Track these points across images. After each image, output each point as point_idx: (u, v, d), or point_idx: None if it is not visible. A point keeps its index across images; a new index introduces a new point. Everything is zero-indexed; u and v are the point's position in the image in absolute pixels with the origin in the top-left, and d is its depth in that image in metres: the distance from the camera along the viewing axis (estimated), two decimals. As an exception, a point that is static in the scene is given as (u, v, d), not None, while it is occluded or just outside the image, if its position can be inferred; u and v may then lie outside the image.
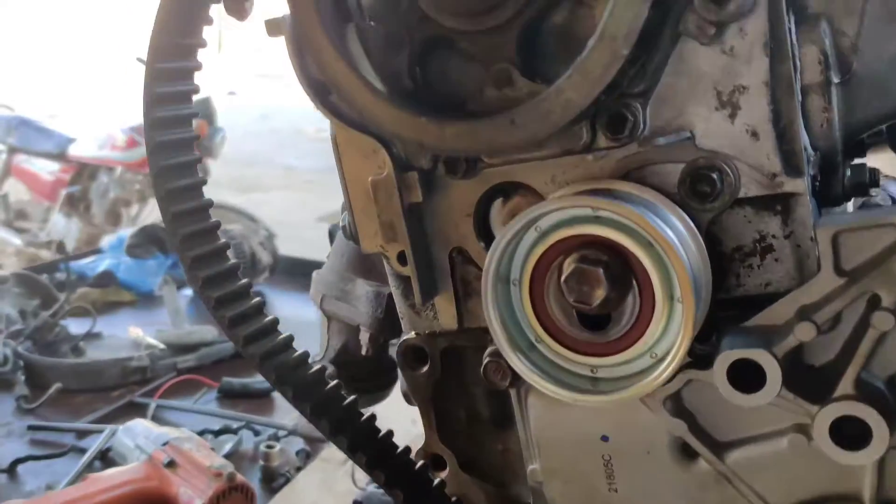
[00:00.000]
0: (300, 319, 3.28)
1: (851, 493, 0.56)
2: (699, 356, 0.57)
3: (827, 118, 0.56)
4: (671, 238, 0.52)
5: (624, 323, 0.55)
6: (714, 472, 0.59)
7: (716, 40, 0.53)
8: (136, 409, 2.28)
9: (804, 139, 0.55)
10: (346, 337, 1.16)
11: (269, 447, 2.01)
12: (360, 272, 1.12)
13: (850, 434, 0.53)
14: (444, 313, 0.68)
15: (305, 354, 0.82)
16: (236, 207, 5.51)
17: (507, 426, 0.71)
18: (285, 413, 2.32)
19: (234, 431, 2.13)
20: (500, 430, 0.72)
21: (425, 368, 0.71)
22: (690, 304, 0.52)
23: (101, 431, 2.05)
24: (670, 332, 0.54)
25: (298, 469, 2.05)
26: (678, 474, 0.61)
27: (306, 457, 2.09)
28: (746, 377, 0.54)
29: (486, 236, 0.65)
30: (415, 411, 0.79)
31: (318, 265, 3.60)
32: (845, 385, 0.52)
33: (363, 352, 1.13)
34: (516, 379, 0.63)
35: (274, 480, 1.98)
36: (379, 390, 1.22)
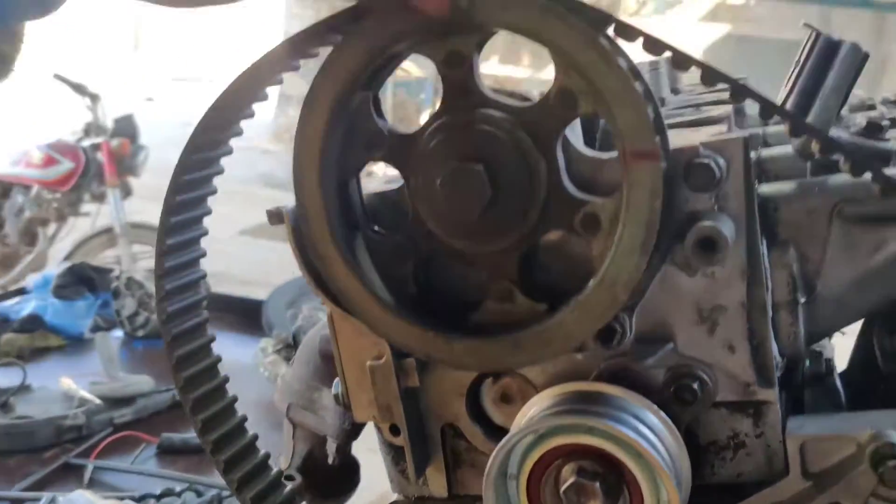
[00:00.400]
0: (234, 363, 3.23)
1: None
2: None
3: (794, 332, 0.62)
4: (659, 453, 0.57)
5: (612, 522, 0.60)
6: None
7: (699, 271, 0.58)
8: (73, 472, 2.23)
9: (775, 351, 0.61)
10: (311, 445, 1.18)
11: (214, 512, 2.00)
12: (327, 381, 1.15)
13: None
14: (434, 482, 0.72)
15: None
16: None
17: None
18: (228, 469, 2.30)
19: (178, 494, 2.11)
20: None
21: (413, 528, 0.75)
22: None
23: (37, 500, 2.01)
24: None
25: (245, 533, 2.04)
26: None
27: (252, 518, 2.08)
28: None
29: (478, 413, 0.69)
30: None
31: (249, 302, 3.61)
32: (813, 583, 0.59)
33: (329, 461, 1.15)
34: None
35: (219, 548, 1.97)
36: (343, 494, 1.24)
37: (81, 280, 3.36)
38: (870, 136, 0.63)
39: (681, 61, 0.54)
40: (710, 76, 0.53)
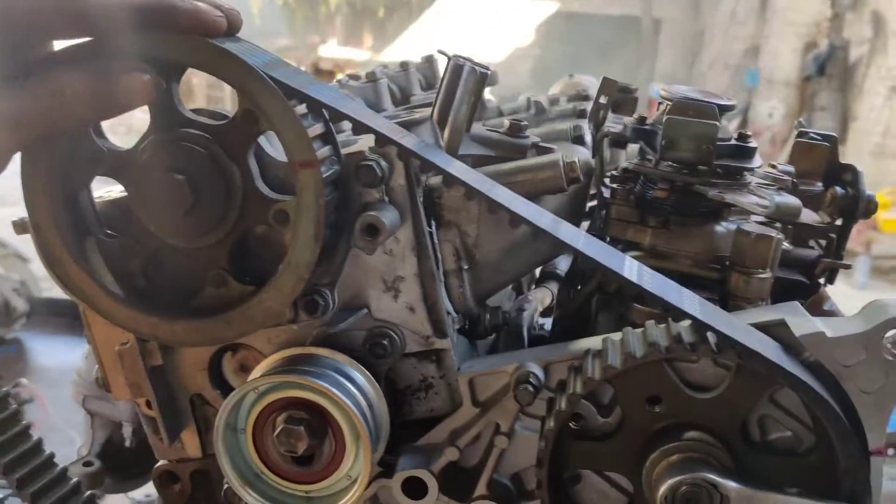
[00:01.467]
0: (62, 366, 3.19)
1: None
2: (389, 465, 0.77)
3: (462, 293, 0.78)
4: (350, 397, 0.71)
5: (324, 458, 0.73)
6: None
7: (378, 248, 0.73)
8: None
9: (448, 308, 0.76)
10: (109, 431, 1.27)
11: (40, 514, 2.01)
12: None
13: (489, 518, 0.76)
14: (189, 444, 0.83)
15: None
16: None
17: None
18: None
19: (1, 501, 2.10)
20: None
21: (178, 487, 0.86)
22: (366, 442, 0.71)
23: None
24: (359, 459, 0.73)
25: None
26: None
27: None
28: (416, 484, 0.75)
29: (220, 383, 0.81)
30: None
31: (75, 306, 3.50)
32: (481, 487, 0.75)
33: (127, 444, 1.25)
34: (248, 499, 0.80)
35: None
36: (143, 475, 1.33)
37: None
38: (513, 135, 0.79)
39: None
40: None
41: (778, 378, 0.64)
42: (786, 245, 0.86)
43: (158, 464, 0.86)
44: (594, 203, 0.96)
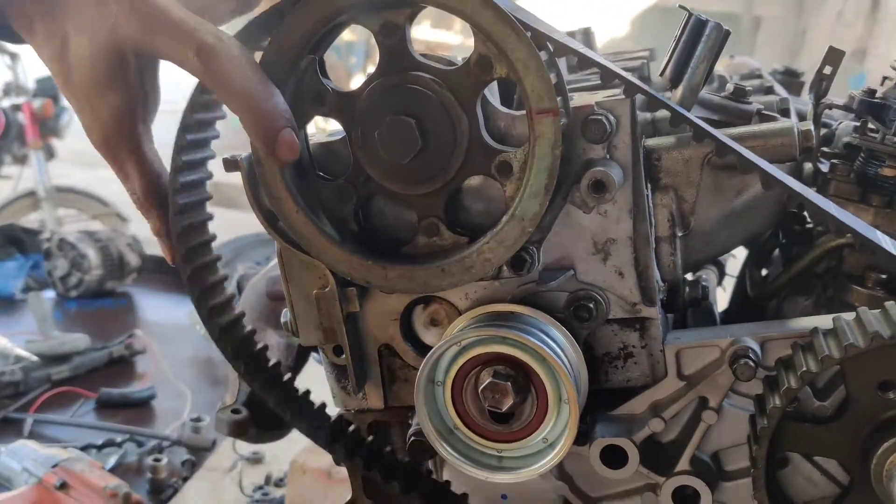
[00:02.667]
0: (170, 322, 3.30)
1: (686, 534, 0.76)
2: (582, 433, 0.75)
3: (673, 261, 0.75)
4: (560, 358, 0.69)
5: (524, 418, 0.72)
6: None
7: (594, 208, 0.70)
8: (12, 426, 2.27)
9: (657, 276, 0.74)
10: (256, 382, 1.28)
11: (157, 460, 2.08)
12: (271, 323, 1.25)
13: (686, 494, 0.73)
14: (372, 395, 0.83)
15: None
16: (85, 191, 5.31)
17: (423, 486, 0.87)
18: (166, 423, 2.38)
19: (119, 444, 2.17)
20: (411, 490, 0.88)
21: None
22: (574, 405, 0.69)
23: (-22, 452, 2.05)
24: (559, 423, 0.72)
25: (185, 479, 2.12)
26: (559, 524, 0.79)
27: (192, 466, 2.17)
28: (613, 455, 0.73)
29: (410, 335, 0.80)
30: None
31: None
32: (683, 462, 0.72)
33: (274, 395, 1.26)
34: (436, 454, 0.79)
35: (162, 492, 2.05)
36: (286, 426, 1.35)
37: (11, 241, 3.34)
38: (736, 100, 0.76)
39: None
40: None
41: None
42: None
43: (337, 413, 0.86)
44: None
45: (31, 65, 5.80)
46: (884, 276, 0.76)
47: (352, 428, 0.84)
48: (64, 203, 5.54)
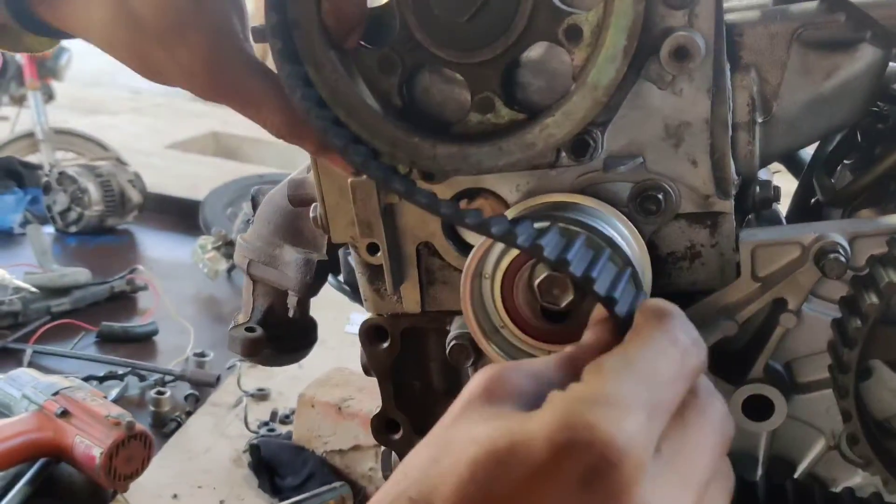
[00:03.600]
0: (172, 260, 3.23)
1: (749, 450, 0.70)
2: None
3: (750, 150, 0.67)
4: (626, 252, 0.62)
5: (581, 318, 0.65)
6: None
7: (670, 85, 0.63)
8: (11, 356, 2.22)
9: (732, 168, 0.66)
10: (271, 300, 1.22)
11: (160, 393, 2.03)
12: (288, 239, 1.17)
13: (755, 406, 0.67)
14: (408, 298, 0.76)
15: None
16: (85, 134, 5.20)
17: (458, 394, 0.80)
18: (169, 358, 2.32)
19: (120, 377, 2.12)
20: (451, 398, 0.81)
21: (385, 345, 0.79)
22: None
23: (-23, 380, 2.00)
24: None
25: (188, 414, 2.08)
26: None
27: (195, 401, 2.12)
28: (677, 362, 0.66)
29: (452, 233, 0.73)
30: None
31: (185, 202, 3.58)
32: (756, 370, 0.66)
33: (290, 314, 1.19)
34: (478, 359, 0.72)
35: (165, 426, 2.01)
36: (302, 349, 1.28)
37: (9, 174, 3.26)
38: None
39: None
40: None
41: None
42: None
43: (368, 317, 0.80)
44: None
45: (29, 2, 5.63)
46: None
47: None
48: (63, 145, 5.43)
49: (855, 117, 0.70)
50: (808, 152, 0.88)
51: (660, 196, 0.65)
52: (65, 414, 1.70)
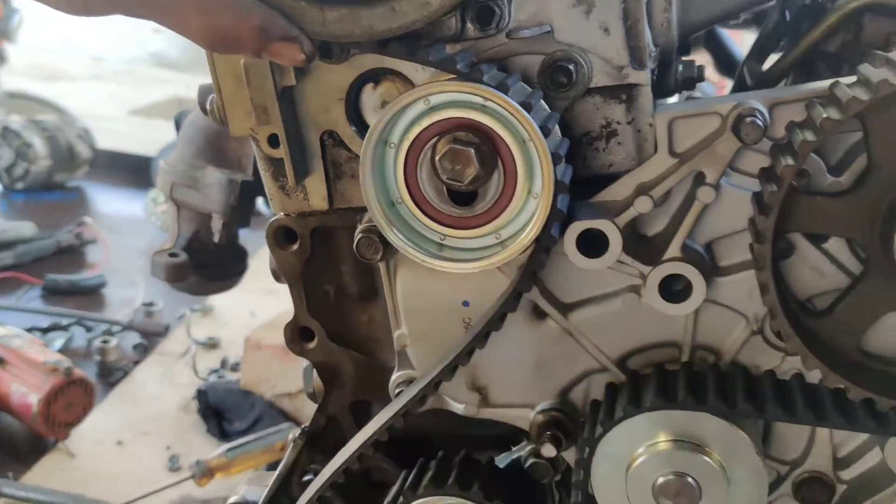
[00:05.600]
0: (124, 215, 3.15)
1: (672, 340, 0.67)
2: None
3: (667, 18, 0.64)
4: (547, 143, 0.58)
5: (482, 205, 0.61)
6: (560, 329, 0.68)
7: (577, -58, 0.58)
8: (-50, 309, 2.15)
9: (647, 36, 0.62)
10: (196, 225, 1.17)
11: (105, 342, 1.97)
12: (211, 159, 1.12)
13: (673, 291, 0.63)
14: (315, 194, 0.72)
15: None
16: (41, 98, 5.07)
17: (373, 299, 0.76)
18: (117, 309, 2.27)
19: (65, 328, 2.07)
20: (366, 303, 0.77)
21: (295, 247, 0.75)
22: (547, 203, 0.59)
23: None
24: (519, 220, 0.61)
25: (136, 363, 2.03)
26: (530, 332, 0.69)
27: (143, 351, 2.07)
28: (591, 246, 0.63)
29: (358, 120, 0.68)
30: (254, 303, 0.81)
31: (137, 158, 3.51)
32: (673, 249, 0.62)
33: (216, 239, 1.14)
34: (387, 253, 0.68)
35: (111, 375, 1.96)
36: (230, 278, 1.24)
37: (-47, 130, 3.15)
38: None
39: None
40: None
41: None
42: None
43: (274, 218, 0.75)
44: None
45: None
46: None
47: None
48: (16, 109, 5.29)
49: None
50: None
51: (570, 67, 0.61)
52: (1, 363, 1.65)
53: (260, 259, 2.58)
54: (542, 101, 0.61)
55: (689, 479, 0.62)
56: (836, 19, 0.67)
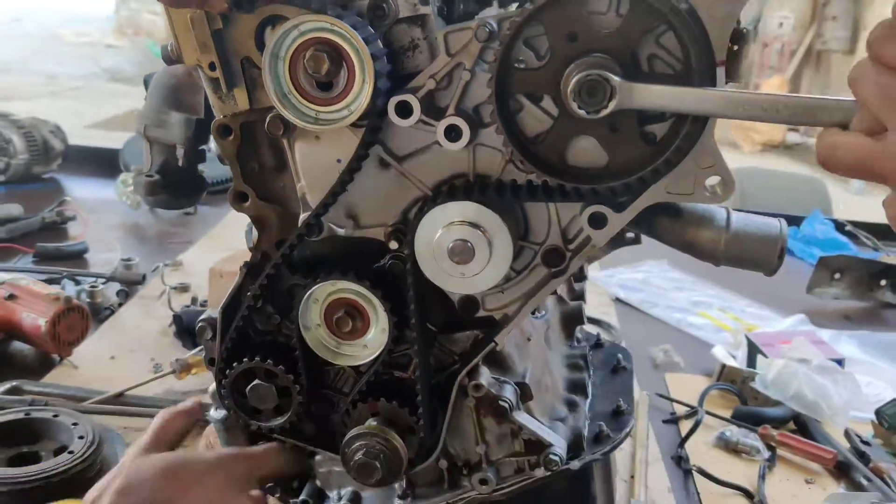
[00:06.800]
0: (97, 198, 3.54)
1: (462, 172, 1.09)
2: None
3: (440, -27, 1.06)
4: (366, 50, 1.00)
5: (336, 90, 1.03)
6: (397, 172, 1.10)
7: (378, -70, 1.01)
8: (-43, 273, 2.52)
9: (429, -15, 1.05)
10: (165, 155, 1.59)
11: (93, 287, 2.36)
12: (172, 106, 1.54)
13: (453, 137, 1.06)
14: (241, 100, 1.13)
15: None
16: (3, 112, 5.41)
17: (283, 169, 1.18)
18: (99, 268, 2.66)
19: (57, 281, 2.45)
20: (279, 173, 1.19)
21: (230, 138, 1.16)
22: (371, 83, 1.01)
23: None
24: (360, 98, 1.03)
25: (120, 305, 2.42)
26: (380, 176, 1.11)
27: (125, 296, 2.46)
28: (405, 113, 1.05)
29: (262, 48, 1.10)
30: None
31: (106, 150, 3.99)
32: (451, 109, 1.05)
33: (180, 164, 1.57)
34: (286, 131, 1.10)
35: (99, 314, 2.35)
36: (193, 195, 1.66)
37: (-65, 133, 3.49)
38: None
39: None
40: None
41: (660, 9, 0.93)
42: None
43: (216, 119, 1.17)
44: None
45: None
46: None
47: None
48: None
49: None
50: None
51: (384, 6, 1.04)
52: (12, 297, 2.04)
53: (220, 229, 3.01)
54: (369, 27, 1.03)
55: (469, 244, 1.05)
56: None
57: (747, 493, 1.81)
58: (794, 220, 3.67)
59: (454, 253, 1.05)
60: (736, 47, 1.06)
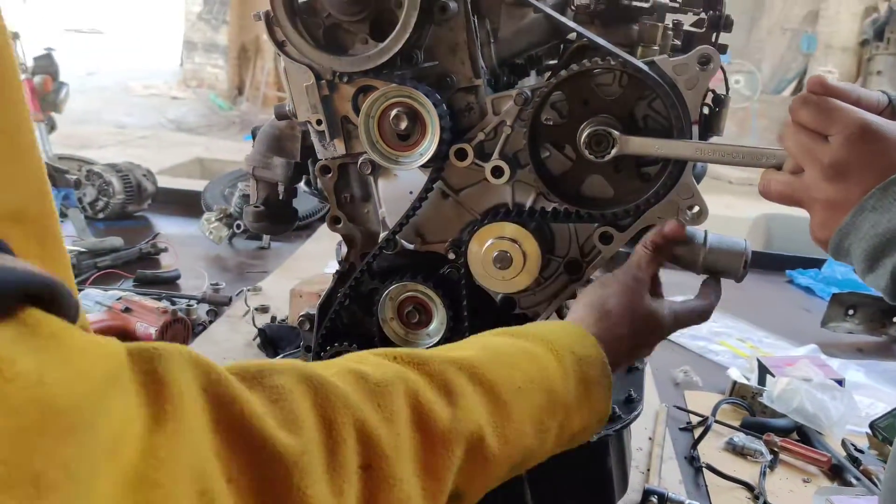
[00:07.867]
0: (183, 234, 3.97)
1: (505, 201, 1.45)
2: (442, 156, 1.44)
3: (489, 54, 1.43)
4: (435, 107, 1.37)
5: (412, 140, 1.41)
6: (455, 202, 1.47)
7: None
8: (74, 294, 2.94)
9: (480, 62, 1.42)
10: (268, 191, 1.98)
11: (189, 306, 2.76)
12: (276, 152, 1.94)
13: (499, 175, 1.42)
14: (339, 146, 1.51)
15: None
16: (85, 158, 5.96)
17: (368, 199, 1.55)
18: (192, 291, 3.06)
19: (157, 300, 2.85)
20: (365, 202, 1.56)
21: (330, 175, 1.54)
22: (436, 137, 1.38)
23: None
24: (430, 147, 1.40)
25: (210, 322, 2.81)
26: (441, 204, 1.48)
27: (215, 315, 2.85)
28: (462, 158, 1.41)
29: (357, 111, 1.48)
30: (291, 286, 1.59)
31: (190, 193, 4.54)
32: (495, 156, 1.41)
33: (280, 197, 1.97)
34: (374, 170, 1.48)
35: (194, 329, 2.74)
36: (288, 223, 2.05)
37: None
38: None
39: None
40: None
41: (649, 84, 1.29)
42: None
43: (319, 161, 1.55)
44: None
45: (29, 44, 6.40)
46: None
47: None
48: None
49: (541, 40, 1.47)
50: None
51: (447, 79, 1.41)
52: (127, 310, 2.44)
53: (292, 261, 3.44)
54: (436, 94, 1.41)
55: (508, 254, 1.40)
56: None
57: (749, 487, 2.08)
58: (816, 263, 3.94)
59: (497, 261, 1.41)
60: (717, 109, 1.41)
